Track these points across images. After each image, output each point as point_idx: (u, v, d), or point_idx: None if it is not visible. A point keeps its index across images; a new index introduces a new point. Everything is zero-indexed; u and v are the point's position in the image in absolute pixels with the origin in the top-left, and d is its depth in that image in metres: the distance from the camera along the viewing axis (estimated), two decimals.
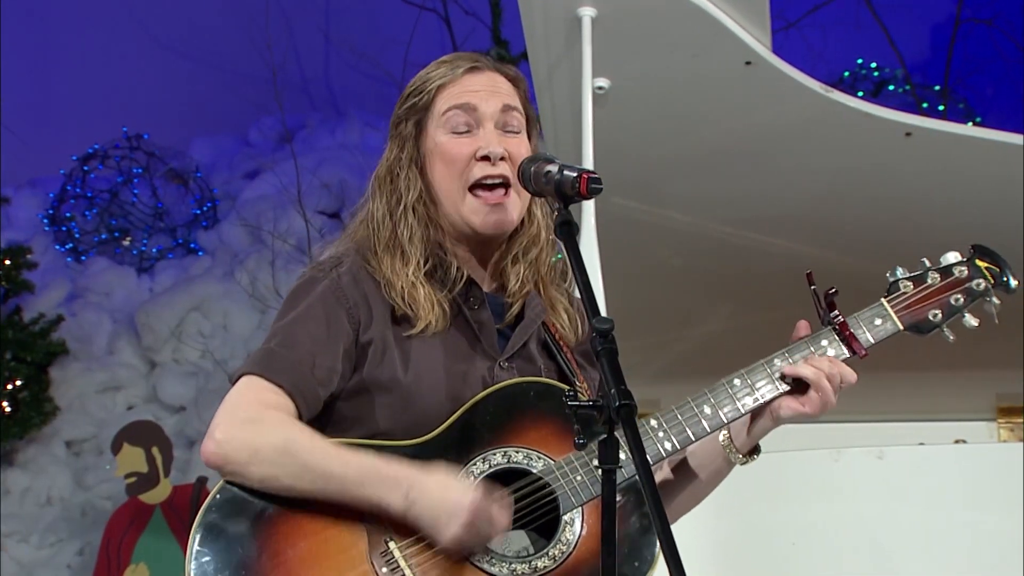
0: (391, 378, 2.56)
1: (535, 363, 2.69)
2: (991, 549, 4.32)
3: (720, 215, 5.23)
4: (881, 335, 2.69)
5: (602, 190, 2.39)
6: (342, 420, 2.59)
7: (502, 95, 2.70)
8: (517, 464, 2.51)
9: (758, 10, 4.60)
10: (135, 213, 12.54)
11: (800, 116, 4.78)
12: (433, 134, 2.69)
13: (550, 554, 2.48)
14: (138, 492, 8.84)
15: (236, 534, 2.42)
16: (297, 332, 2.57)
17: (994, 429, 5.82)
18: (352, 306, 2.60)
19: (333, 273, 2.64)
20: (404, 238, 2.66)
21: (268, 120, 13.10)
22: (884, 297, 2.72)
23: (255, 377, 2.53)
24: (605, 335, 2.24)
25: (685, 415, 2.60)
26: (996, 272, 2.75)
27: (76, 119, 13.08)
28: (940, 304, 2.72)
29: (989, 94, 13.16)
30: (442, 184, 2.67)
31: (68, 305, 11.70)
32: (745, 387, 2.63)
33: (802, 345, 2.66)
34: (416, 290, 2.61)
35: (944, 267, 2.75)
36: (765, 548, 4.41)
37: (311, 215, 11.22)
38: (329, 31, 14.07)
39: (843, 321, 2.68)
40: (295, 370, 2.53)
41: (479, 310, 2.67)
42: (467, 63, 2.73)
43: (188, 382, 11.22)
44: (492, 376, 2.63)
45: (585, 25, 4.54)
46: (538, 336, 2.72)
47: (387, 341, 2.59)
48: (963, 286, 2.74)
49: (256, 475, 2.43)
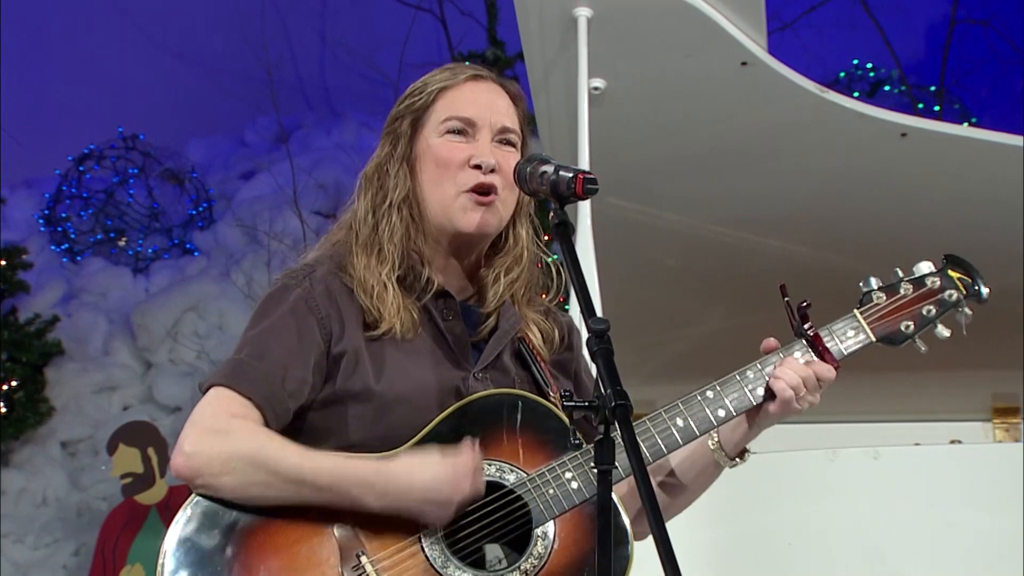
0: (364, 388, 2.54)
1: (509, 374, 2.68)
2: (987, 549, 4.32)
3: (715, 215, 5.24)
4: (853, 347, 2.69)
5: (598, 190, 2.39)
6: (313, 431, 2.57)
7: (502, 115, 2.69)
8: (490, 477, 2.50)
9: (754, 11, 4.60)
10: (131, 213, 12.55)
11: (795, 117, 4.78)
12: (428, 136, 2.68)
13: (522, 568, 2.46)
14: (134, 493, 8.86)
15: (208, 550, 2.40)
16: (268, 343, 2.55)
17: (990, 429, 5.83)
18: (324, 316, 2.58)
19: (306, 282, 2.62)
20: (384, 236, 2.65)
21: (264, 120, 13.11)
22: (856, 308, 2.72)
23: (224, 388, 2.51)
24: (601, 336, 2.24)
25: (658, 428, 2.60)
26: (968, 283, 2.75)
27: (72, 119, 13.08)
28: (912, 315, 2.72)
29: (984, 95, 13.18)
30: (431, 185, 2.66)
31: (64, 305, 11.70)
32: (718, 399, 2.63)
33: (773, 357, 2.66)
34: (385, 291, 2.60)
35: (917, 278, 2.75)
36: (761, 548, 4.41)
37: (307, 215, 11.22)
38: (325, 31, 14.07)
39: (816, 333, 2.68)
40: (265, 381, 2.51)
41: (453, 321, 2.65)
42: (471, 70, 2.73)
43: (184, 382, 11.21)
44: (466, 387, 2.61)
45: (581, 25, 4.54)
46: (512, 347, 2.71)
47: (360, 351, 2.57)
48: (935, 297, 2.74)
49: (228, 485, 2.42)
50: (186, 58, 13.89)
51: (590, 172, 2.39)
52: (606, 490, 2.20)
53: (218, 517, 2.43)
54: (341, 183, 12.29)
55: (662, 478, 2.75)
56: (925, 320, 2.73)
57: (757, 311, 5.15)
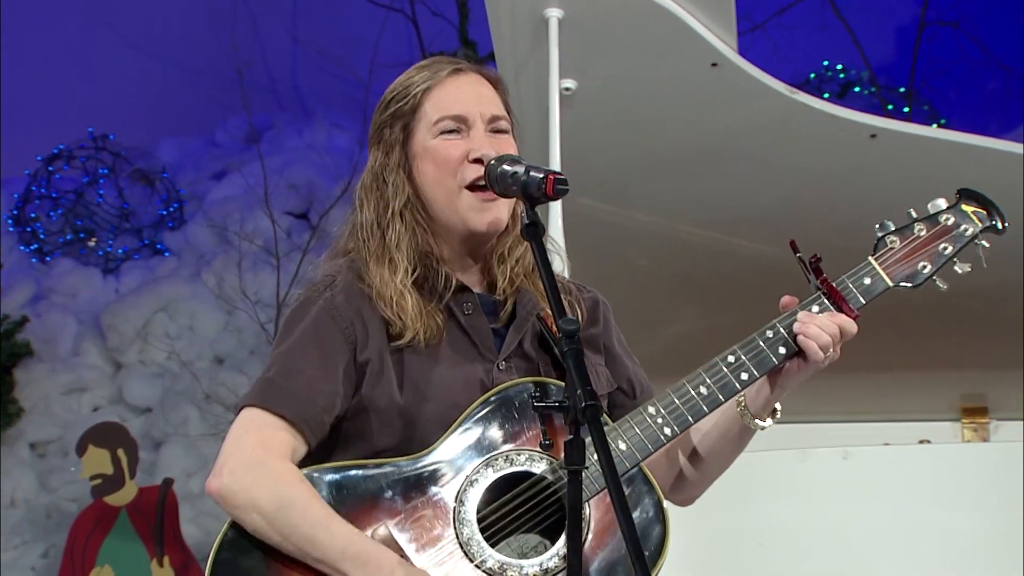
0: (389, 402, 2.55)
1: (532, 360, 2.67)
2: (956, 548, 4.35)
3: (687, 216, 5.25)
4: (871, 294, 2.66)
5: (568, 191, 2.39)
6: (346, 439, 2.58)
7: (490, 104, 2.70)
8: (520, 466, 2.51)
9: (724, 12, 4.62)
10: (101, 214, 12.49)
11: (766, 117, 4.80)
12: (423, 139, 2.68)
13: (560, 553, 2.47)
14: (103, 494, 8.81)
15: (247, 571, 2.44)
16: (296, 359, 2.56)
17: (958, 429, 5.86)
18: (348, 325, 2.58)
19: (327, 293, 2.62)
20: (392, 244, 2.64)
21: (235, 120, 13.06)
22: (871, 255, 2.70)
23: (256, 409, 2.52)
24: (571, 336, 2.25)
25: (682, 398, 2.59)
26: (983, 215, 2.71)
27: (41, 119, 13.00)
28: (928, 255, 2.69)
29: (953, 96, 13.25)
30: (434, 185, 2.66)
31: (33, 306, 11.65)
32: (739, 363, 2.61)
33: (790, 316, 2.64)
34: (404, 299, 2.60)
35: (930, 216, 2.72)
36: (732, 548, 4.43)
37: (278, 216, 11.20)
38: (296, 31, 14.04)
39: (831, 285, 2.66)
40: (297, 399, 2.52)
41: (473, 315, 2.66)
42: (449, 65, 2.73)
43: (154, 383, 11.18)
44: (491, 379, 2.61)
45: (552, 26, 4.55)
46: (533, 330, 2.70)
47: (384, 360, 2.58)
48: (950, 234, 2.70)
49: (248, 523, 2.44)
50: (157, 58, 13.84)
51: (561, 173, 2.39)
52: (576, 489, 2.21)
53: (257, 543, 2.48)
54: (312, 183, 12.27)
55: (696, 444, 2.75)
56: (942, 258, 2.69)
57: (729, 311, 5.18)
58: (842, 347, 2.66)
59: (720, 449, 2.75)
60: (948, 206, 2.73)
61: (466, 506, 2.49)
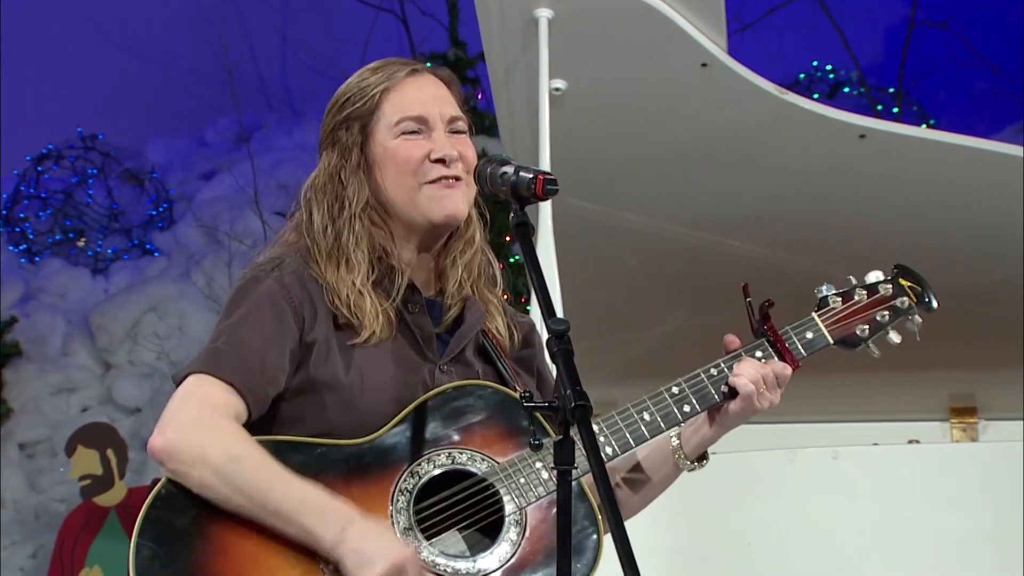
0: (333, 378, 2.56)
1: (472, 368, 2.71)
2: (945, 547, 4.36)
3: (676, 216, 5.25)
4: (813, 348, 2.77)
5: (558, 191, 2.41)
6: (285, 419, 2.59)
7: (447, 105, 2.73)
8: (461, 465, 2.54)
9: (714, 12, 4.62)
10: (90, 214, 12.46)
11: (755, 118, 4.80)
12: (382, 140, 2.70)
13: (495, 553, 2.49)
14: (92, 495, 8.79)
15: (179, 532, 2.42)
16: (244, 331, 2.56)
17: (947, 429, 5.87)
18: (298, 304, 2.60)
19: (276, 272, 2.63)
20: (350, 246, 2.66)
21: (224, 120, 13.04)
22: (814, 311, 2.80)
23: (204, 375, 2.52)
24: (561, 336, 2.26)
25: (625, 421, 2.64)
26: (918, 291, 2.85)
27: (30, 119, 12.96)
28: (867, 320, 2.81)
29: (942, 97, 13.25)
30: (394, 186, 2.68)
31: (22, 306, 11.61)
32: (683, 395, 2.68)
33: (735, 356, 2.72)
34: (363, 299, 2.61)
35: (870, 284, 2.84)
36: (721, 548, 4.43)
37: (268, 216, 11.17)
38: (286, 31, 14.01)
39: (777, 333, 2.74)
40: (244, 368, 2.52)
41: (419, 314, 2.68)
42: (405, 67, 2.76)
43: (143, 384, 11.15)
44: (432, 379, 2.64)
45: (542, 26, 4.55)
46: (475, 341, 2.74)
47: (331, 344, 2.59)
48: (889, 303, 2.83)
49: (196, 479, 2.43)
50: (146, 57, 13.80)
51: (550, 173, 2.42)
52: (566, 490, 2.21)
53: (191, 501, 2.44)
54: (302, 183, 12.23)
55: (625, 473, 2.79)
56: (879, 325, 2.81)
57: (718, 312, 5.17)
58: (829, 349, 2.76)
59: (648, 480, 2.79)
60: (886, 278, 2.85)
61: (404, 496, 2.50)
